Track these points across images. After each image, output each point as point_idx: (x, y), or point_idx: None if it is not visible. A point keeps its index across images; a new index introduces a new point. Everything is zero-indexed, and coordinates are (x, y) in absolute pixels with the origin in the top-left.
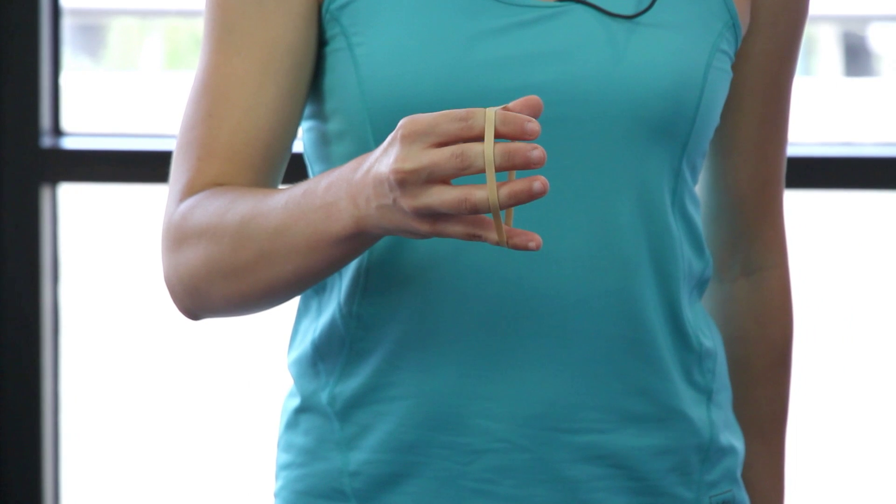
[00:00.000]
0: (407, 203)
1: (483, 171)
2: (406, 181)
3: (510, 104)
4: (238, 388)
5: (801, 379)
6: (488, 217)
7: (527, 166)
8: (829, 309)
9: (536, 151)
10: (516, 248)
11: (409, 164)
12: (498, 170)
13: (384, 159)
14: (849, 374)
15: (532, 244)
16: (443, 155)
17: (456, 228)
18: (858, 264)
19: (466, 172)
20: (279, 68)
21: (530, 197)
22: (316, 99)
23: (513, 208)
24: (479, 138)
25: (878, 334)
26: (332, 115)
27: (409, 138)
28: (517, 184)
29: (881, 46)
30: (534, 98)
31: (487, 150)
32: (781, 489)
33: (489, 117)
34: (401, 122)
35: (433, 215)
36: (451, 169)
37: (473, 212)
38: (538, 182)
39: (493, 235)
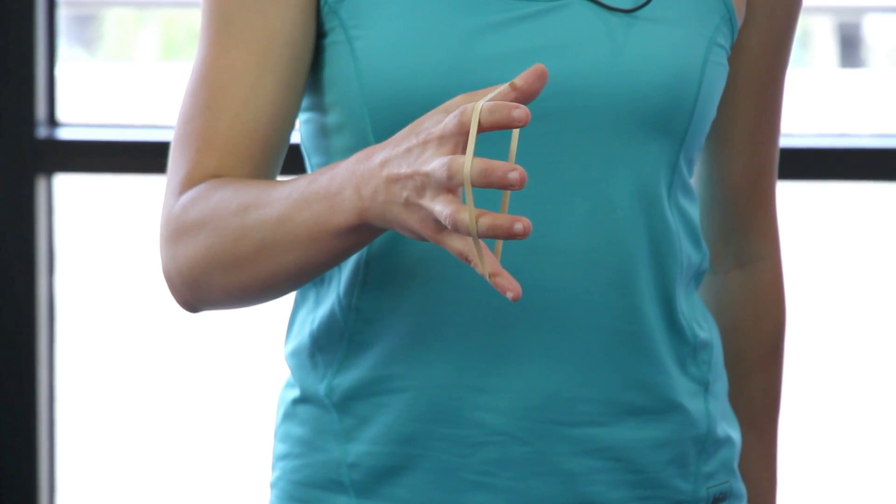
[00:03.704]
0: (416, 203)
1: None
2: (426, 185)
3: (518, 78)
4: (235, 378)
5: (794, 370)
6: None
7: (503, 187)
8: (824, 300)
9: (515, 173)
10: (496, 287)
11: (424, 168)
12: (475, 186)
13: (409, 158)
14: (843, 366)
15: (510, 294)
16: (440, 162)
17: (455, 244)
18: (853, 256)
19: (454, 183)
20: (277, 60)
21: (509, 236)
22: (314, 91)
23: (501, 242)
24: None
25: (873, 327)
26: (331, 107)
27: (439, 141)
28: (500, 218)
29: (876, 38)
30: (539, 66)
31: (465, 168)
32: (774, 479)
33: (472, 133)
34: (423, 121)
35: (439, 223)
36: (441, 178)
37: (455, 230)
38: (520, 224)
39: (480, 267)
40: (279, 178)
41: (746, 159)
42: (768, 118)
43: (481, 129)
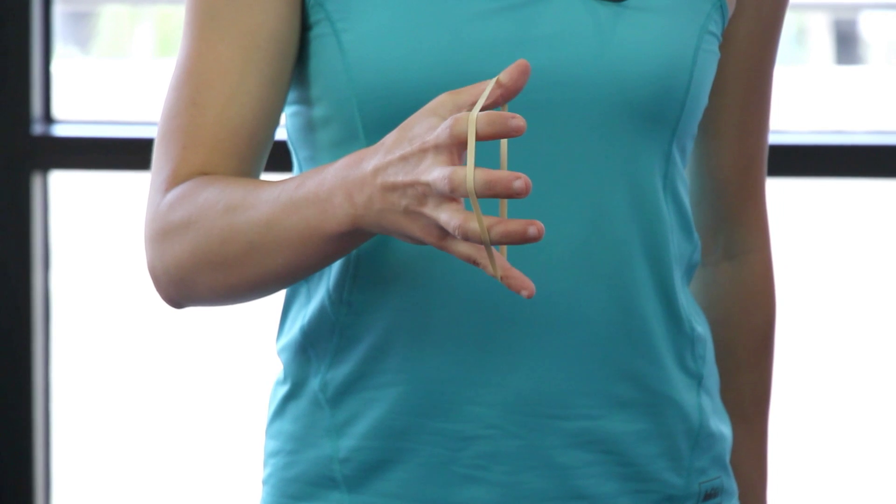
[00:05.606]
0: (418, 211)
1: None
2: (427, 194)
3: (502, 74)
4: (228, 374)
5: (785, 365)
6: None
7: (509, 196)
8: (820, 296)
9: (519, 182)
10: (510, 288)
11: (425, 178)
12: (479, 197)
13: (405, 166)
14: (835, 362)
15: (524, 292)
16: (441, 174)
17: (461, 249)
18: (850, 252)
19: (457, 195)
20: (263, 55)
21: (524, 240)
22: (300, 84)
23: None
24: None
25: (868, 323)
26: (318, 100)
27: (435, 150)
28: (512, 224)
29: (872, 34)
30: (522, 62)
31: (468, 181)
32: (764, 474)
33: (471, 145)
34: (412, 125)
35: (443, 230)
36: (443, 190)
37: (466, 240)
38: (534, 227)
39: (490, 270)
40: (264, 173)
41: (735, 151)
42: (757, 110)
43: (478, 138)
